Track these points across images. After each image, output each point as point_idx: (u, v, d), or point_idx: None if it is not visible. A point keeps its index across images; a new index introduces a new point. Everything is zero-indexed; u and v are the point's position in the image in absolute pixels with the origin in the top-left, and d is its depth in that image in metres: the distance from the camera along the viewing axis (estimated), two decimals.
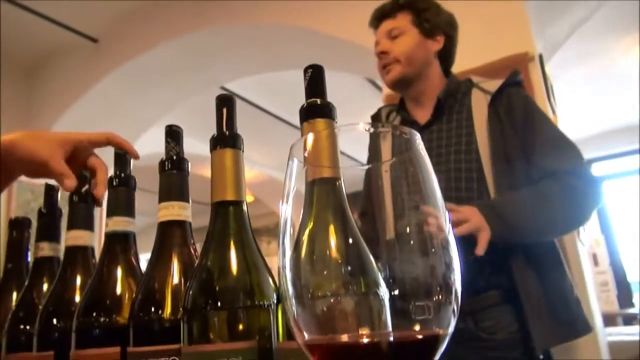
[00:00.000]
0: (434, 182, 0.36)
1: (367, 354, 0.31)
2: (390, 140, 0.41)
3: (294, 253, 0.36)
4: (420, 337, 0.31)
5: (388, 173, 0.39)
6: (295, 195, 0.39)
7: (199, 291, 0.51)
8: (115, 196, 0.67)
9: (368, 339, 0.31)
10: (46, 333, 0.67)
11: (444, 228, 0.34)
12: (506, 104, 1.25)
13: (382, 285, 0.34)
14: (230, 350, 0.47)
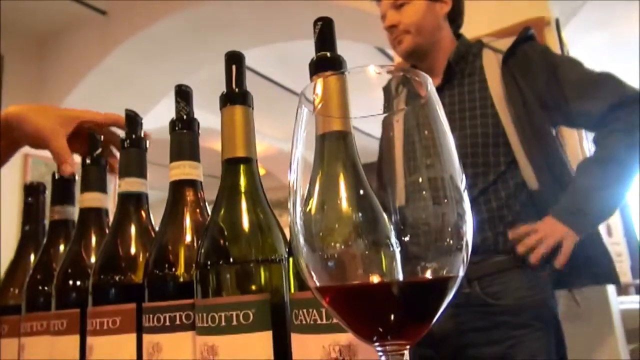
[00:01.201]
0: (446, 129, 0.35)
1: (377, 296, 0.31)
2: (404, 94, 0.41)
3: (304, 206, 0.36)
4: (430, 280, 0.31)
5: (400, 123, 0.39)
6: (305, 146, 0.38)
7: (211, 247, 0.52)
8: (127, 157, 0.68)
9: (378, 281, 0.31)
10: (63, 292, 0.68)
11: None
12: (522, 63, 1.19)
13: (393, 236, 0.34)
14: (243, 302, 0.48)
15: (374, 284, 0.31)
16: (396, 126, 0.39)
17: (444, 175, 0.34)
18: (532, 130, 1.16)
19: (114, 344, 0.59)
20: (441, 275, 0.31)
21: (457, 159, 0.35)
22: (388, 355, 0.33)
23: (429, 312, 0.32)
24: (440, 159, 0.35)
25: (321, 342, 0.42)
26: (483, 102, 1.21)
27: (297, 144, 0.38)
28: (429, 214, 0.34)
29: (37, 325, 0.73)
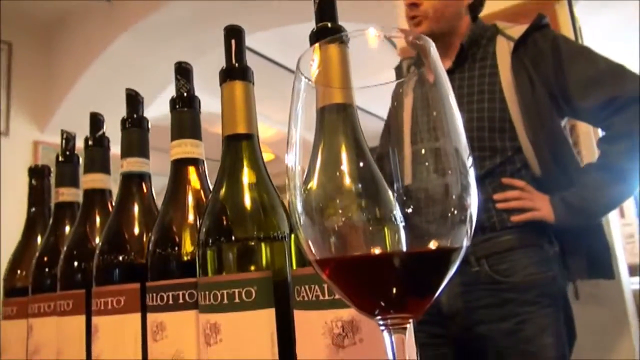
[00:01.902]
0: (452, 104, 0.34)
1: (379, 268, 0.30)
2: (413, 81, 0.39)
3: (304, 179, 0.35)
4: (433, 251, 0.30)
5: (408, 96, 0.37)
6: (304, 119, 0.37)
7: (212, 224, 0.51)
8: (129, 137, 0.67)
9: (379, 252, 0.30)
10: (69, 273, 0.68)
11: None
12: (532, 52, 1.18)
13: (396, 208, 0.33)
14: (245, 280, 0.47)
15: (375, 255, 0.30)
16: (404, 98, 0.38)
17: (448, 148, 0.33)
18: (538, 119, 1.16)
19: (118, 324, 0.59)
20: (445, 246, 0.30)
21: (464, 134, 0.34)
22: (390, 330, 0.32)
23: (432, 284, 0.31)
24: (445, 132, 0.33)
25: (323, 318, 0.41)
26: (492, 87, 1.20)
27: (295, 117, 0.36)
28: (432, 185, 0.33)
29: (44, 306, 0.73)
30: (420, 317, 0.32)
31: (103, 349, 0.59)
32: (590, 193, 1.13)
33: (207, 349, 0.48)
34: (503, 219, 1.16)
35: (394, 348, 0.32)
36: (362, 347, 0.40)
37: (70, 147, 0.81)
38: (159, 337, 0.54)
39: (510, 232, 1.15)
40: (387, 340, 0.32)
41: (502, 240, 1.16)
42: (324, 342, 0.40)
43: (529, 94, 1.16)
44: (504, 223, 1.16)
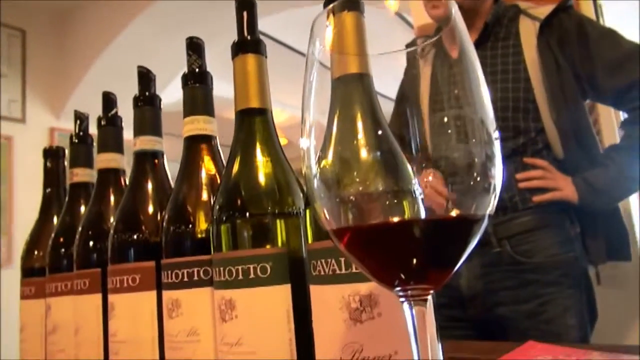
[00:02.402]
0: (478, 71, 0.33)
1: (398, 236, 0.28)
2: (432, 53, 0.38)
3: (321, 150, 0.33)
4: (455, 218, 0.29)
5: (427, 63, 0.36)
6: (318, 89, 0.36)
7: (226, 200, 0.50)
8: (141, 116, 0.66)
9: (398, 220, 0.29)
10: (84, 253, 0.68)
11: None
12: (558, 33, 1.16)
13: (414, 176, 0.32)
14: (260, 255, 0.47)
15: (394, 223, 0.28)
16: (422, 68, 0.36)
17: (473, 117, 0.32)
18: (563, 99, 1.14)
19: (134, 301, 0.59)
20: (467, 214, 0.29)
21: (490, 105, 0.32)
22: (410, 302, 0.31)
23: (454, 254, 0.29)
24: (470, 101, 0.32)
25: (341, 293, 0.40)
26: (516, 67, 1.17)
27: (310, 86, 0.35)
28: (454, 152, 0.31)
29: (62, 285, 0.73)
30: (440, 288, 0.31)
31: (119, 327, 0.59)
32: (613, 174, 1.11)
33: (222, 325, 0.47)
34: (525, 198, 1.14)
35: (415, 321, 0.31)
36: (381, 322, 0.39)
37: (84, 128, 0.81)
38: (174, 314, 0.54)
39: (532, 212, 1.13)
40: (407, 313, 0.31)
41: (524, 220, 1.14)
42: (341, 317, 0.40)
43: (554, 74, 1.13)
44: (526, 203, 1.14)
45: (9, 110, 3.00)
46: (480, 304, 1.15)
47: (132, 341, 0.58)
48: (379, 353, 0.38)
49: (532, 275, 1.10)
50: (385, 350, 0.38)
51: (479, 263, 1.14)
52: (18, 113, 3.05)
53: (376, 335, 0.39)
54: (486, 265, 1.13)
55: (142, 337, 0.58)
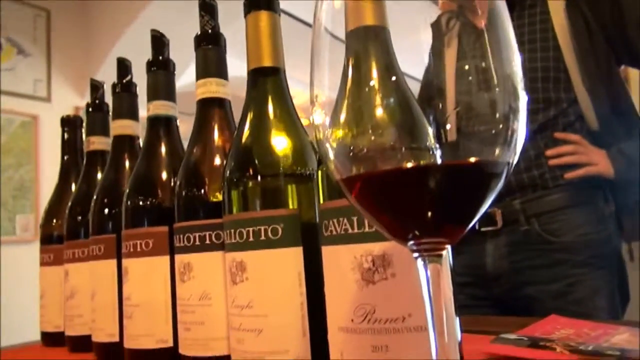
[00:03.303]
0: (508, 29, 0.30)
1: (412, 183, 0.27)
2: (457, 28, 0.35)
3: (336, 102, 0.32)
4: (473, 164, 0.26)
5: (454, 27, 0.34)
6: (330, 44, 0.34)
7: (238, 161, 0.49)
8: (155, 80, 0.65)
9: (412, 165, 0.27)
10: (100, 219, 0.68)
11: None
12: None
13: (433, 125, 0.30)
14: (271, 217, 0.45)
15: (407, 169, 0.26)
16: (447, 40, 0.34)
17: (498, 69, 0.29)
18: (596, 66, 1.07)
19: (147, 266, 0.58)
20: (486, 159, 0.26)
21: (520, 65, 0.30)
22: (424, 257, 0.29)
23: (471, 204, 0.27)
24: (498, 57, 0.29)
25: (353, 253, 0.38)
26: (544, 35, 1.11)
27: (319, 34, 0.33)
28: (475, 98, 0.29)
29: (79, 252, 0.74)
30: (456, 243, 0.29)
31: (133, 291, 0.59)
32: None
33: (233, 287, 0.46)
34: (556, 175, 1.09)
35: (429, 279, 0.29)
36: (394, 283, 0.37)
37: (99, 96, 0.80)
38: (186, 278, 0.53)
39: (563, 189, 1.08)
40: (421, 270, 0.29)
41: (554, 198, 1.09)
42: (353, 278, 0.38)
43: (585, 39, 1.07)
44: (557, 180, 1.09)
45: (34, 90, 3.05)
46: (506, 283, 1.12)
47: (146, 305, 0.58)
48: (391, 315, 0.37)
49: (561, 254, 1.06)
50: (399, 313, 0.37)
51: (505, 241, 1.10)
52: (44, 92, 3.10)
53: (389, 297, 0.37)
54: (513, 243, 1.10)
55: (155, 301, 0.57)
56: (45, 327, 0.82)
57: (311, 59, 0.33)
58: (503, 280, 1.11)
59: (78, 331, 0.73)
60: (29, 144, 2.95)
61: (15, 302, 2.38)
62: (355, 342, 0.38)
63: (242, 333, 0.45)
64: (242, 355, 0.45)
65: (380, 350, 0.37)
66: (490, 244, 1.12)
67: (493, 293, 1.13)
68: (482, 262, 1.12)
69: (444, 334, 0.29)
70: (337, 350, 0.39)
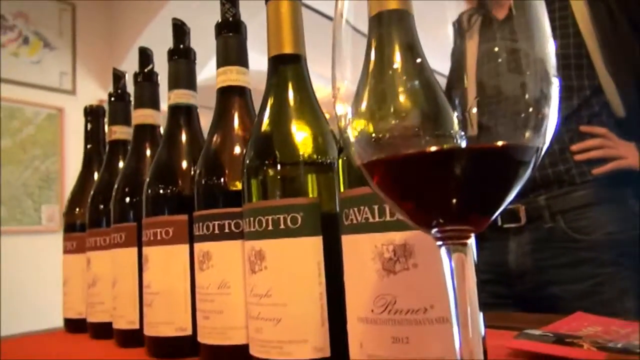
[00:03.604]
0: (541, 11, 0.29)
1: (436, 167, 0.26)
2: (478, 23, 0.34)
3: (356, 98, 0.31)
4: (501, 147, 0.25)
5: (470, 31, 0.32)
6: None
7: (258, 149, 0.48)
8: (176, 69, 0.65)
9: (436, 149, 0.26)
10: (121, 208, 0.69)
11: None
12: None
13: (458, 107, 0.28)
14: (290, 205, 0.45)
15: (432, 152, 0.25)
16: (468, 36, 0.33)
17: (529, 52, 0.28)
18: (620, 50, 1.03)
19: (167, 254, 0.59)
20: (516, 143, 0.25)
21: (553, 51, 0.28)
22: (449, 246, 0.28)
23: (499, 189, 0.26)
24: (528, 40, 0.28)
25: (373, 242, 0.37)
26: (563, 22, 1.08)
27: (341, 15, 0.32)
28: (503, 80, 0.28)
29: (100, 240, 0.75)
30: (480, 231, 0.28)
31: (153, 279, 0.59)
32: None
33: (252, 276, 0.46)
34: (583, 171, 1.05)
35: (453, 269, 0.28)
36: (416, 274, 0.36)
37: (122, 86, 0.81)
38: (205, 267, 0.53)
39: (590, 185, 1.05)
40: (445, 259, 0.28)
41: (581, 194, 1.05)
42: (374, 268, 0.37)
43: (607, 23, 1.03)
44: (584, 176, 1.05)
45: (60, 82, 3.10)
46: (529, 281, 1.09)
47: (165, 293, 0.58)
48: (413, 306, 0.36)
49: (587, 253, 1.03)
50: (420, 304, 0.36)
51: (529, 239, 1.07)
52: (69, 85, 3.15)
53: (411, 288, 0.36)
54: (537, 241, 1.06)
55: (174, 289, 0.58)
56: (68, 313, 0.83)
57: (332, 51, 0.32)
58: (526, 279, 1.09)
59: (99, 318, 0.74)
60: (54, 136, 3.01)
61: (40, 290, 2.43)
62: (375, 333, 0.37)
63: (261, 322, 0.45)
64: (261, 344, 0.45)
65: (401, 342, 0.36)
66: (513, 241, 1.09)
67: (516, 291, 1.11)
68: (504, 260, 1.10)
69: (468, 326, 0.28)
70: (356, 341, 0.39)
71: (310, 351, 0.43)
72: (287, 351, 0.43)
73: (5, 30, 2.91)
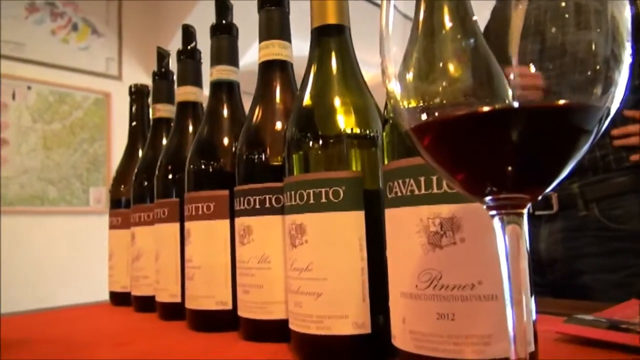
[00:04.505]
0: None
1: (491, 129, 0.24)
2: None
3: (404, 60, 0.29)
4: (562, 106, 0.23)
5: None
6: None
7: (299, 122, 0.48)
8: (218, 45, 0.65)
9: (490, 108, 0.24)
10: (164, 183, 0.70)
11: None
12: None
13: (513, 80, 0.27)
14: (332, 179, 0.44)
15: (487, 111, 0.24)
16: None
17: (600, 9, 0.26)
18: None
19: (208, 229, 0.59)
20: (580, 101, 0.23)
21: (629, 13, 0.26)
22: (502, 216, 0.26)
23: (560, 154, 0.24)
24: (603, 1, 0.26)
25: (418, 215, 0.36)
26: None
27: None
28: (569, 37, 0.26)
29: (144, 216, 0.76)
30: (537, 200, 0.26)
31: (194, 253, 0.60)
32: None
33: (292, 250, 0.45)
34: (621, 157, 1.00)
35: (507, 242, 0.26)
36: (464, 248, 0.34)
37: (165, 64, 0.82)
38: (246, 241, 0.53)
39: (627, 173, 1.00)
40: (498, 231, 0.27)
41: (617, 182, 1.00)
42: (419, 242, 0.36)
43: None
44: (621, 162, 1.00)
45: (106, 68, 3.19)
46: (560, 270, 1.05)
47: (206, 267, 0.58)
48: (459, 281, 0.34)
49: (622, 243, 0.98)
50: (468, 279, 0.34)
51: (561, 227, 1.04)
52: (115, 70, 3.24)
53: (457, 263, 0.35)
54: (569, 229, 1.03)
55: (215, 263, 0.58)
56: (114, 286, 0.86)
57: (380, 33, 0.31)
58: (558, 267, 1.05)
59: (143, 291, 0.76)
60: (102, 120, 3.11)
61: (87, 268, 2.53)
62: (419, 309, 0.36)
63: (301, 296, 0.44)
64: (300, 319, 0.44)
65: (446, 319, 0.35)
66: (544, 228, 1.06)
67: (547, 279, 1.07)
68: (535, 247, 1.07)
69: (522, 304, 0.26)
70: (398, 317, 0.38)
71: (350, 327, 0.42)
72: (327, 326, 0.43)
73: (55, 17, 3.01)
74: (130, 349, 0.53)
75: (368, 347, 0.43)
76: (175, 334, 0.59)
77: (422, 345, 0.35)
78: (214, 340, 0.54)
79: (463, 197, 0.33)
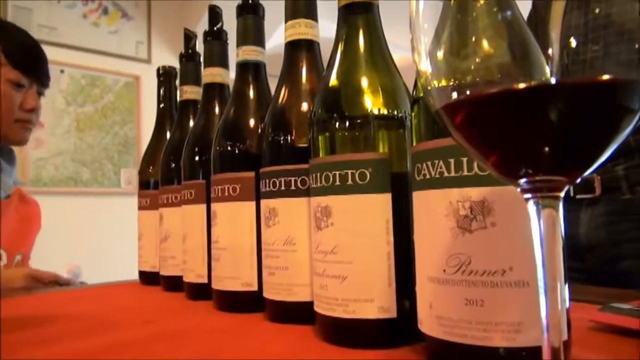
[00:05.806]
0: None
1: (527, 105, 0.23)
2: None
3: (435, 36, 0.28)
4: (606, 81, 0.22)
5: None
6: None
7: (326, 102, 0.47)
8: (244, 24, 0.64)
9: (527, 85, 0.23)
10: (191, 165, 0.70)
11: None
12: None
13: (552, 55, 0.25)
14: (358, 161, 0.43)
15: (523, 88, 0.22)
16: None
17: None
18: None
19: (234, 210, 0.59)
20: (625, 77, 0.22)
21: None
22: (537, 199, 0.25)
23: (601, 134, 0.23)
24: None
25: (448, 198, 0.35)
26: None
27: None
28: (615, 8, 0.24)
29: (172, 197, 0.77)
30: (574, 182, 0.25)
31: (220, 234, 0.60)
32: None
33: (317, 232, 0.45)
34: None
35: (542, 227, 0.25)
36: (494, 233, 0.33)
37: (192, 46, 0.81)
38: (271, 223, 0.53)
39: None
40: (533, 214, 0.25)
41: None
42: (447, 225, 0.35)
43: None
44: None
45: (136, 51, 3.23)
46: (601, 255, 1.02)
47: (232, 248, 0.59)
48: (490, 267, 0.33)
49: None
50: (498, 265, 0.33)
51: (603, 211, 1.00)
52: (144, 54, 3.28)
53: (488, 248, 0.33)
54: (611, 213, 0.99)
55: (241, 245, 0.58)
56: (143, 266, 0.87)
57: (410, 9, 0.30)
58: (598, 252, 1.02)
59: (171, 272, 0.77)
60: (132, 103, 3.16)
61: (118, 248, 2.60)
62: (447, 294, 0.35)
63: (326, 279, 0.44)
64: (325, 301, 0.44)
65: (475, 305, 0.34)
66: (585, 213, 1.02)
67: (586, 265, 1.04)
68: (575, 232, 1.03)
69: (557, 290, 0.25)
70: (425, 301, 0.37)
71: (375, 311, 0.42)
72: (352, 309, 0.42)
73: (86, 1, 3.05)
74: (158, 327, 0.54)
75: (393, 331, 0.42)
76: (202, 313, 0.60)
77: (450, 331, 0.34)
78: (239, 320, 0.55)
79: (495, 179, 0.32)
